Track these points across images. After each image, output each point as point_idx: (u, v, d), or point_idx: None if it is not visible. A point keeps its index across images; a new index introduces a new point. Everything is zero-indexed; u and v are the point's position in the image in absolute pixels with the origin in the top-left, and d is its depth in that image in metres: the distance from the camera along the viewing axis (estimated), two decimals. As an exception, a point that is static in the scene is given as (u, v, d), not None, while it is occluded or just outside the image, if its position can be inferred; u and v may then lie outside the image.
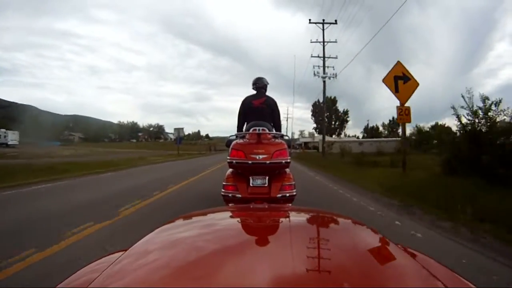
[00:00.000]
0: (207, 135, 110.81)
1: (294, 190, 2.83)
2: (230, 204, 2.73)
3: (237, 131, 3.39)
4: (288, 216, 0.95)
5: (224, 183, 2.87)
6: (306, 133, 76.82)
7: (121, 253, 0.66)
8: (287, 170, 2.97)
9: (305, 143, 64.49)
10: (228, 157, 2.83)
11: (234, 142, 2.91)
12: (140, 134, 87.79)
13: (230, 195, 2.79)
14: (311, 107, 70.50)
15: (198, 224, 0.85)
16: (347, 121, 71.42)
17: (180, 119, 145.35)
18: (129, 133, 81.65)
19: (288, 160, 2.81)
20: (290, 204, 2.68)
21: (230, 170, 2.97)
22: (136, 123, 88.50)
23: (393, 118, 62.98)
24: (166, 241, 0.71)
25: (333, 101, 67.99)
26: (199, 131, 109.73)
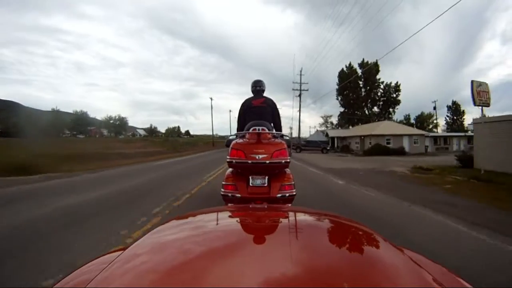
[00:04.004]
0: (187, 132, 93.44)
1: (294, 190, 2.83)
2: (229, 204, 2.69)
3: (237, 132, 3.36)
4: (286, 217, 0.94)
5: (223, 182, 2.82)
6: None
7: (118, 253, 0.65)
8: (287, 170, 2.97)
9: (341, 138, 33.69)
10: (227, 157, 2.78)
11: (233, 142, 2.87)
12: (91, 128, 63.02)
13: (229, 194, 2.74)
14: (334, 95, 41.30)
15: (196, 225, 0.85)
16: (397, 103, 39.83)
17: (170, 116, 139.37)
18: (75, 125, 55.95)
19: (288, 160, 2.79)
20: (289, 204, 2.69)
21: (230, 169, 2.94)
22: (85, 113, 61.44)
23: (454, 102, 45.59)
24: (163, 242, 0.71)
25: (376, 67, 38.78)
26: (178, 127, 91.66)
